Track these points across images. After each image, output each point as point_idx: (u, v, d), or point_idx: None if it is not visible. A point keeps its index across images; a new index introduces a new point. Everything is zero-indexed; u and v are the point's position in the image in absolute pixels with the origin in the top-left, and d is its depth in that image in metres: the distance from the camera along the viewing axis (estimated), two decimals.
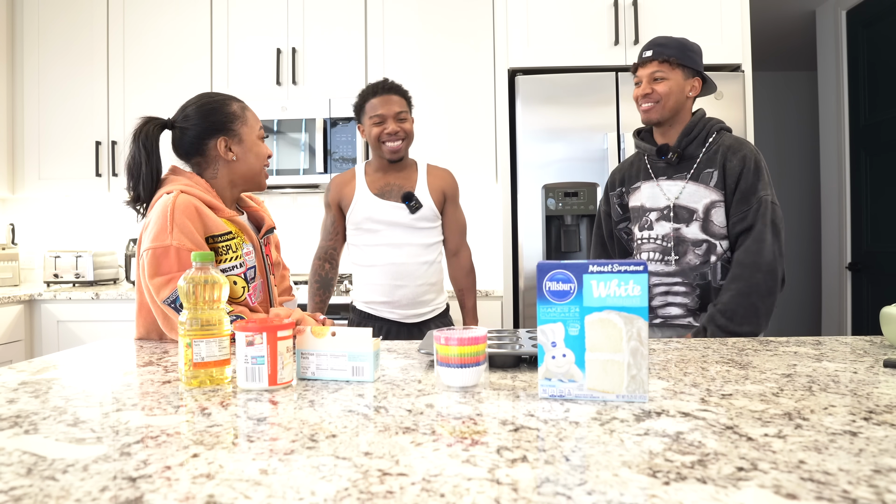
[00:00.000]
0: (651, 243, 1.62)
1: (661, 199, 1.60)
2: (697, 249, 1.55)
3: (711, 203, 1.53)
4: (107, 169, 2.97)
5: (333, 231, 1.98)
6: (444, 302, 1.98)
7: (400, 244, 1.85)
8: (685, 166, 1.58)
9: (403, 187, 1.88)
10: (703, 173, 1.55)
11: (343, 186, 1.93)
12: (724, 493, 0.48)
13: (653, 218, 1.62)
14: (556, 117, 2.45)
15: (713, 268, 1.54)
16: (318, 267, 1.99)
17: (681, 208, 1.57)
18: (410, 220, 1.85)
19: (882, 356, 1.01)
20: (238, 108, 1.35)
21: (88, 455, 0.58)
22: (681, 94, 1.58)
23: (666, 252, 1.59)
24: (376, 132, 1.84)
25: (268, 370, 0.83)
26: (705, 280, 1.54)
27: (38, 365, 1.02)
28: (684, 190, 1.57)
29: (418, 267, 1.86)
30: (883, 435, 0.61)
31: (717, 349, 1.10)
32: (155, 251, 1.16)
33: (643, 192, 1.65)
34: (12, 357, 2.53)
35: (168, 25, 2.96)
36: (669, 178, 1.60)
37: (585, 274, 0.76)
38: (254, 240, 1.32)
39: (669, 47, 1.58)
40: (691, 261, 1.55)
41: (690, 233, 1.55)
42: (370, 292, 1.89)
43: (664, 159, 1.60)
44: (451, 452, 0.58)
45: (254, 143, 1.35)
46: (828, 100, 3.33)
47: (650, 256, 1.61)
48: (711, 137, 1.58)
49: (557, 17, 2.51)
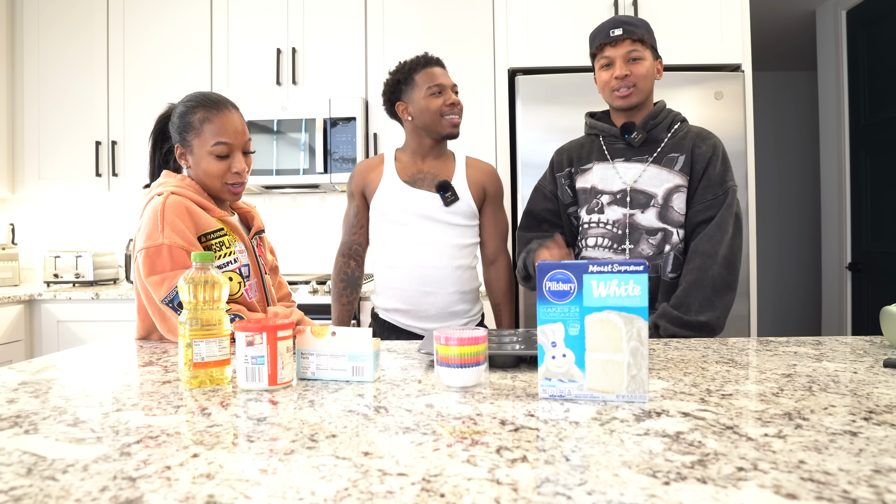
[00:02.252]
0: (600, 228, 1.50)
1: (616, 182, 1.49)
2: (652, 238, 1.44)
3: (674, 187, 1.44)
4: (107, 169, 2.97)
5: (357, 224, 1.73)
6: (478, 313, 1.71)
7: (430, 243, 1.61)
8: (647, 149, 1.49)
9: (438, 176, 1.64)
10: (668, 157, 1.46)
11: (368, 172, 1.69)
12: (724, 493, 0.48)
13: (604, 201, 1.49)
14: (556, 117, 2.45)
15: (665, 259, 1.44)
16: (343, 265, 1.74)
17: (638, 192, 1.46)
18: (443, 215, 1.61)
19: (882, 356, 1.01)
20: (199, 118, 1.26)
21: (88, 455, 0.58)
22: (652, 77, 1.49)
23: (616, 239, 1.47)
24: (437, 103, 1.61)
25: (268, 370, 0.83)
26: (656, 273, 1.44)
27: (38, 365, 1.02)
28: (644, 173, 1.46)
29: (451, 272, 1.61)
30: (883, 435, 0.61)
31: (717, 349, 1.10)
32: (148, 251, 1.16)
33: (595, 173, 1.52)
34: (12, 357, 2.53)
35: (168, 25, 2.96)
36: (628, 161, 1.49)
37: (585, 274, 0.76)
38: (245, 240, 1.32)
39: (639, 26, 1.47)
40: (644, 250, 1.45)
41: (645, 220, 1.45)
42: (393, 299, 1.65)
43: (627, 138, 1.48)
44: (451, 452, 0.58)
45: (201, 158, 1.26)
46: (828, 100, 3.33)
47: (598, 242, 1.50)
48: (677, 125, 1.50)
49: (557, 17, 2.51)
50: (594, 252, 1.51)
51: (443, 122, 1.63)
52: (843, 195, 3.20)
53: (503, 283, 1.75)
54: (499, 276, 1.74)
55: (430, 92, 1.62)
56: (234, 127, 1.28)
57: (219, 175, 1.27)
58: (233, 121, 1.28)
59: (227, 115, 1.28)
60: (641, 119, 1.50)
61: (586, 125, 1.61)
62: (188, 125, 1.27)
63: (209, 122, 1.26)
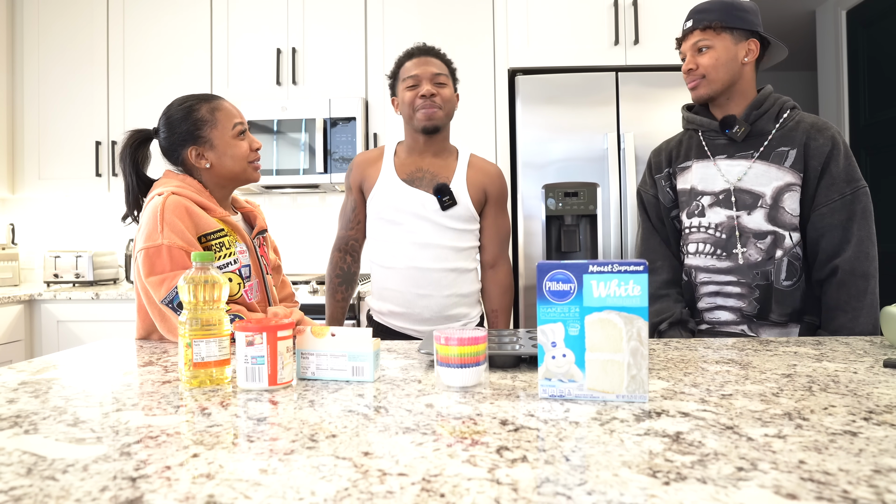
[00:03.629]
0: (701, 233, 1.38)
1: (718, 182, 1.37)
2: (760, 243, 1.31)
3: (786, 186, 1.29)
4: (107, 169, 2.97)
5: (354, 219, 1.67)
6: (477, 317, 1.66)
7: (425, 244, 1.55)
8: (752, 144, 1.35)
9: (437, 177, 1.57)
10: (776, 152, 1.32)
11: (367, 167, 1.63)
12: (724, 493, 0.48)
13: (705, 203, 1.38)
14: (556, 117, 2.45)
15: (777, 265, 1.30)
16: (339, 259, 1.69)
17: (743, 192, 1.33)
18: (440, 218, 1.55)
19: (882, 356, 1.01)
20: (207, 111, 1.29)
21: (88, 455, 0.58)
22: (732, 63, 1.35)
23: (719, 244, 1.35)
24: (409, 97, 1.54)
25: (268, 370, 0.83)
26: (767, 280, 1.31)
27: (38, 365, 1.02)
28: (750, 170, 1.32)
29: (445, 274, 1.55)
30: (883, 435, 0.61)
31: (718, 349, 1.10)
32: (148, 251, 1.16)
33: (694, 172, 1.41)
34: (12, 357, 2.54)
35: (168, 25, 2.96)
36: (730, 158, 1.36)
37: (585, 274, 0.76)
38: (247, 240, 1.32)
39: (711, 11, 1.35)
40: (752, 256, 1.32)
41: (753, 222, 1.32)
42: (388, 301, 1.60)
43: (728, 133, 1.35)
44: (451, 452, 0.58)
45: (227, 145, 1.29)
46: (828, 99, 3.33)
47: (699, 248, 1.38)
48: (786, 114, 1.36)
49: (557, 17, 2.51)
50: (696, 260, 1.41)
51: (416, 116, 1.55)
52: None
53: (501, 289, 1.66)
54: (497, 282, 1.66)
55: (405, 85, 1.56)
56: (236, 109, 1.36)
57: (246, 155, 1.32)
58: (232, 105, 1.35)
59: (225, 101, 1.35)
60: (740, 110, 1.37)
61: (683, 119, 1.50)
62: (199, 121, 1.29)
63: (218, 110, 1.31)
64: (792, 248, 1.31)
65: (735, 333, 1.36)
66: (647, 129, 2.41)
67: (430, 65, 1.54)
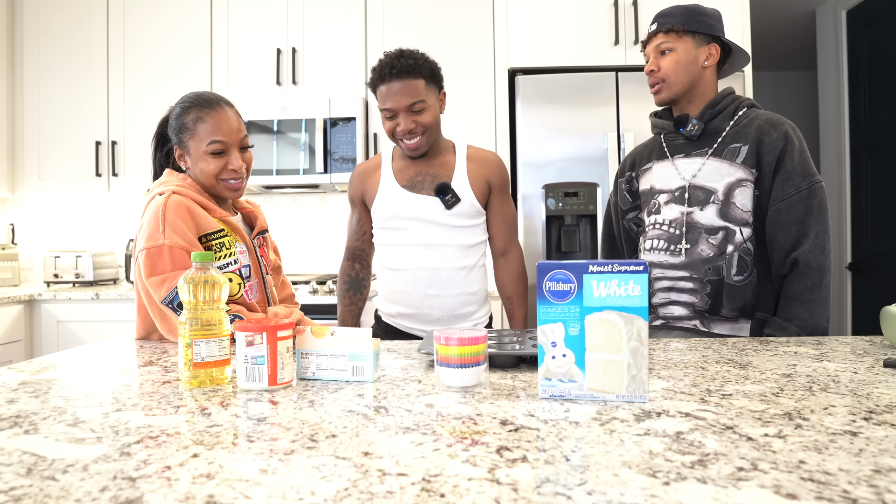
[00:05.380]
0: (656, 229, 1.41)
1: (675, 180, 1.39)
2: (712, 238, 1.33)
3: (736, 182, 1.32)
4: (107, 169, 2.97)
5: (360, 230, 1.68)
6: (486, 315, 1.65)
7: (433, 244, 1.54)
8: (708, 141, 1.38)
9: (437, 177, 1.56)
10: (729, 148, 1.35)
11: (366, 178, 1.62)
12: (724, 493, 0.48)
13: (661, 200, 1.41)
14: (556, 117, 2.45)
15: (728, 261, 1.32)
16: (348, 267, 1.71)
17: (696, 189, 1.36)
18: (446, 218, 1.53)
19: (882, 356, 1.01)
20: (192, 118, 1.26)
21: (88, 455, 0.58)
22: (692, 65, 1.38)
23: (672, 240, 1.37)
24: (388, 127, 1.52)
25: (268, 370, 0.83)
26: (718, 276, 1.33)
27: (38, 365, 1.02)
28: (703, 167, 1.35)
29: (455, 273, 1.54)
30: (883, 435, 0.61)
31: (717, 349, 1.10)
32: (149, 251, 1.16)
33: (654, 172, 1.45)
34: (12, 357, 2.53)
35: (168, 25, 2.96)
36: (687, 156, 1.40)
37: (585, 274, 0.76)
38: (246, 240, 1.32)
39: (674, 15, 1.39)
40: (703, 251, 1.34)
41: (705, 218, 1.34)
42: (396, 303, 1.60)
43: (683, 131, 1.39)
44: (451, 452, 0.58)
45: (199, 158, 1.26)
46: (828, 100, 3.33)
47: (654, 245, 1.41)
48: (741, 111, 1.38)
49: (557, 16, 2.51)
50: (649, 255, 1.43)
51: (401, 145, 1.54)
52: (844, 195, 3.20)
53: (514, 275, 1.65)
54: (510, 269, 1.65)
55: (384, 115, 1.52)
56: (228, 125, 1.27)
57: (215, 173, 1.26)
58: (226, 118, 1.27)
59: (220, 113, 1.27)
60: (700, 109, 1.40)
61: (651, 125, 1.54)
62: (183, 126, 1.28)
63: (202, 121, 1.25)
64: (743, 244, 1.32)
65: (687, 328, 1.38)
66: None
67: (403, 94, 1.46)
